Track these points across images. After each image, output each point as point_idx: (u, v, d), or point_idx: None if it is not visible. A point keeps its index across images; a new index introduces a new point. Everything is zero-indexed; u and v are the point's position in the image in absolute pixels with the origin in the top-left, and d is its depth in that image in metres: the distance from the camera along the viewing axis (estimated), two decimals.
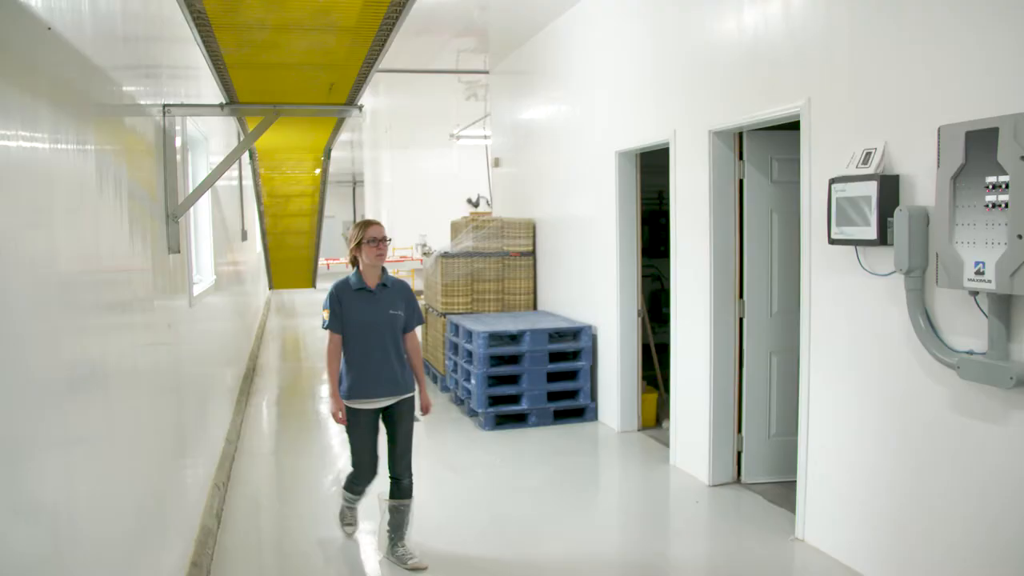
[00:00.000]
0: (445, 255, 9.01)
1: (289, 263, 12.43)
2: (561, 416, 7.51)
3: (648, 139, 6.43)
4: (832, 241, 4.17)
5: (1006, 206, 3.19)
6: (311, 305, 18.61)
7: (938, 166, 3.48)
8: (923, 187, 3.73)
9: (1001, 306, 3.33)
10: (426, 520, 4.96)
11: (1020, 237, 3.14)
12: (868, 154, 4.01)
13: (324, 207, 10.36)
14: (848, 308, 4.30)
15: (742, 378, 5.58)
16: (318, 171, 9.19)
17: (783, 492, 5.30)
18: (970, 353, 3.50)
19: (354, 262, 4.51)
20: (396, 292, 4.51)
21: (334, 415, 4.45)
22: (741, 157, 5.49)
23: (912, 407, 3.89)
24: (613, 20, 7.04)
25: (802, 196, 4.59)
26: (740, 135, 5.46)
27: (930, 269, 3.66)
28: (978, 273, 3.31)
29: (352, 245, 4.46)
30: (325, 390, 9.63)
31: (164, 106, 4.36)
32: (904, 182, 3.86)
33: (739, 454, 5.68)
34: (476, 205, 16.04)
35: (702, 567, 4.75)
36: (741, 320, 5.58)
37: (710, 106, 5.51)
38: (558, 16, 8.24)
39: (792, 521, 4.79)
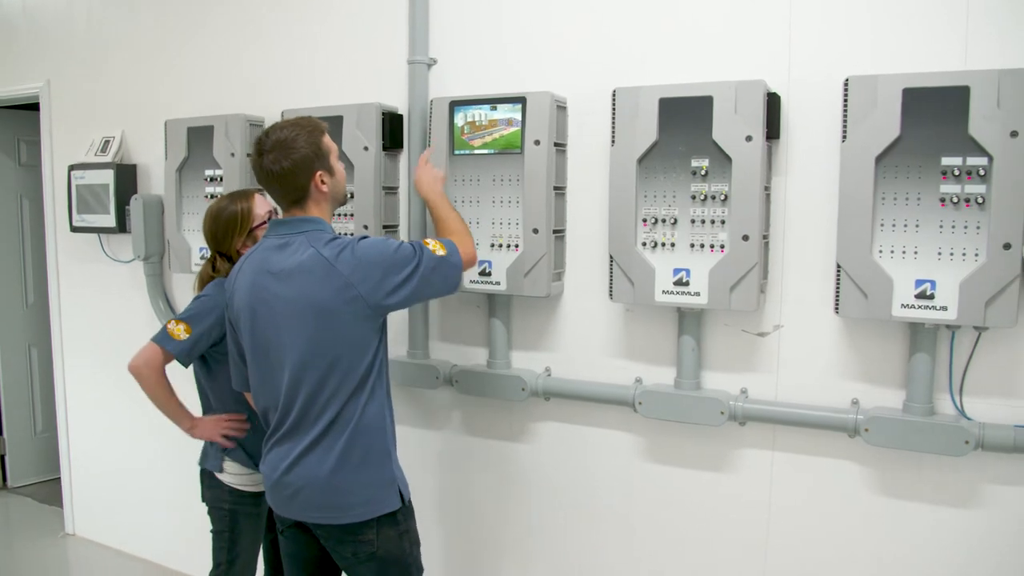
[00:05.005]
0: None
1: None
2: None
3: None
4: (74, 229, 4.11)
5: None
6: None
7: (166, 158, 3.68)
8: (157, 177, 3.91)
9: None
10: None
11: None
12: (107, 142, 4.04)
13: None
14: (98, 296, 4.30)
15: None
16: None
17: (56, 490, 5.09)
18: None
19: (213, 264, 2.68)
20: None
21: None
22: None
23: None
24: None
25: (44, 182, 4.42)
26: None
27: (167, 255, 3.87)
28: None
29: (234, 237, 2.63)
30: None
31: None
32: (141, 171, 4.00)
33: (2, 457, 5.27)
34: None
35: None
36: None
37: None
38: None
39: (63, 518, 4.66)
